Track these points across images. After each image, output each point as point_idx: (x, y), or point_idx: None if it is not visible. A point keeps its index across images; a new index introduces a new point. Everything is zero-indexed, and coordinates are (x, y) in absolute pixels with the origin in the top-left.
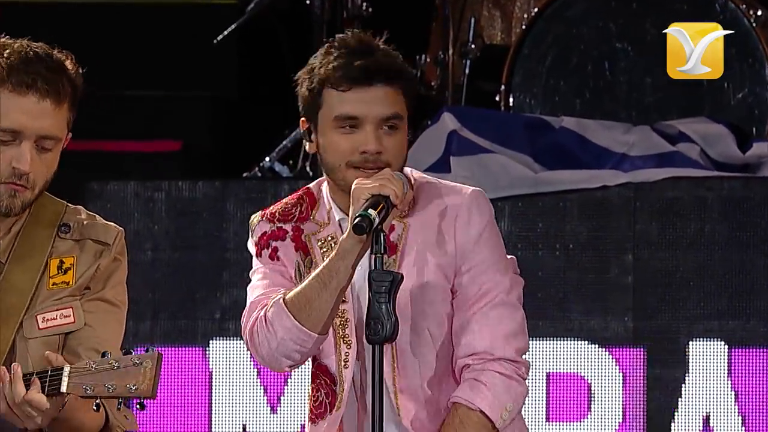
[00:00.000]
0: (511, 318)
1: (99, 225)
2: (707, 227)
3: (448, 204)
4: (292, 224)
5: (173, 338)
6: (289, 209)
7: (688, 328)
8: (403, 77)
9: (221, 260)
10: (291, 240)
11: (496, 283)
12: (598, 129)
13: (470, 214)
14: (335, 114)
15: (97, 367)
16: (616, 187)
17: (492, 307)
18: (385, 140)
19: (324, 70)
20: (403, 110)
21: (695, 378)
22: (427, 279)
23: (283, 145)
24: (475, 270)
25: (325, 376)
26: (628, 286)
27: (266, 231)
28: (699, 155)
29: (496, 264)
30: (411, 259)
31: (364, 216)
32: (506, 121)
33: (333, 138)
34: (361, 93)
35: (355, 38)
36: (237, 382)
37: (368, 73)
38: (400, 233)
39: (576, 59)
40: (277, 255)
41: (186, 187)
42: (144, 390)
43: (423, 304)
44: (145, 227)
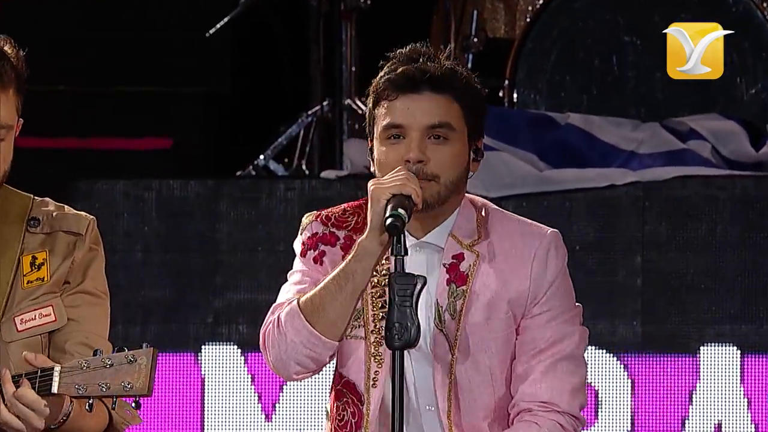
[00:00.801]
0: (578, 373)
1: (69, 215)
2: (719, 228)
3: (526, 242)
4: (346, 232)
5: (164, 343)
6: (346, 216)
7: (699, 332)
8: (456, 86)
9: (214, 262)
10: (341, 248)
11: (567, 334)
12: (606, 126)
13: (548, 256)
14: (383, 124)
15: (89, 365)
16: (624, 187)
17: (561, 358)
18: (431, 150)
19: (376, 84)
20: (456, 121)
21: (706, 384)
22: (496, 315)
23: (279, 143)
24: (546, 316)
25: (353, 394)
26: (637, 289)
27: (318, 233)
28: (710, 153)
29: (567, 312)
30: (483, 293)
31: (396, 216)
32: (510, 118)
33: (382, 150)
34: (407, 101)
35: (410, 49)
36: (230, 389)
37: (413, 80)
38: (472, 263)
39: (582, 53)
40: (323, 260)
41: (177, 186)
42: (139, 387)
43: (489, 341)
44: (135, 228)
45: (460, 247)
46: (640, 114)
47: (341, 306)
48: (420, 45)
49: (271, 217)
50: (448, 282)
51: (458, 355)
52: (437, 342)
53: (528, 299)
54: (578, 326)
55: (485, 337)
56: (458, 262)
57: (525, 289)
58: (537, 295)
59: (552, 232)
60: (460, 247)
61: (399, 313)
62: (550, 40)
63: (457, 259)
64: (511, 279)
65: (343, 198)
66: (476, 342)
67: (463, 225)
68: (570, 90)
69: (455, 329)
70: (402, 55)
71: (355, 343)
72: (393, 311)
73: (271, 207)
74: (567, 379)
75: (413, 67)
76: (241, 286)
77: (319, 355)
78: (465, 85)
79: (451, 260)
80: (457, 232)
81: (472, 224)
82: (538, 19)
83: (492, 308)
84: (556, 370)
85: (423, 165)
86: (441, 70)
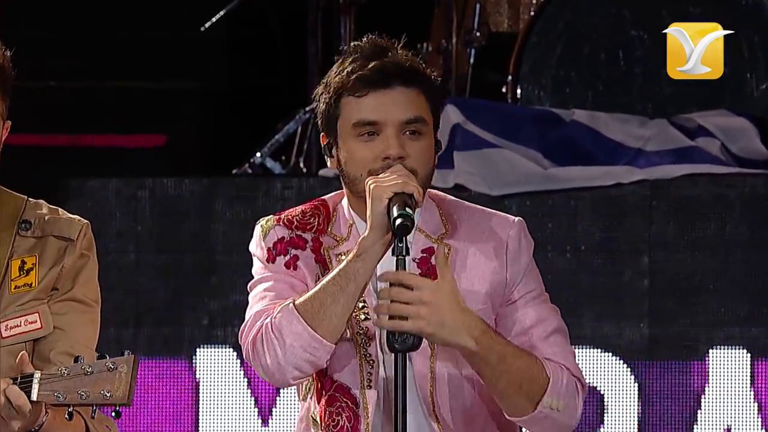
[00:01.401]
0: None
1: (62, 220)
2: (728, 227)
3: (497, 231)
4: (312, 235)
5: (158, 346)
6: (307, 218)
7: (708, 335)
8: (425, 79)
9: (209, 263)
10: (311, 251)
11: (549, 313)
12: (612, 122)
13: (520, 243)
14: (353, 121)
15: (69, 372)
16: (630, 185)
17: (552, 331)
18: (409, 146)
19: (339, 78)
20: (427, 114)
21: (715, 388)
22: (474, 306)
23: (276, 140)
24: (525, 298)
25: (346, 397)
26: (644, 291)
27: (284, 237)
28: (719, 150)
29: (543, 295)
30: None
31: (406, 215)
32: (513, 114)
33: (353, 147)
34: (379, 96)
35: (371, 42)
36: (226, 393)
37: (385, 75)
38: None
39: (588, 48)
40: (296, 264)
41: (171, 184)
42: (119, 396)
43: None
44: (128, 228)
45: (428, 241)
46: (647, 110)
47: (343, 307)
48: (377, 37)
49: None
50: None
51: (437, 349)
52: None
53: (506, 287)
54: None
55: None
56: (428, 256)
57: (502, 278)
58: (514, 281)
59: (519, 220)
60: (428, 240)
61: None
62: (554, 34)
63: (427, 253)
64: (486, 270)
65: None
66: None
67: (428, 218)
68: (575, 86)
69: None
70: (363, 49)
71: (344, 344)
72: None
73: (267, 206)
74: (565, 346)
75: (384, 62)
76: (237, 287)
77: (318, 359)
78: (431, 77)
79: (421, 254)
80: (424, 226)
81: (436, 217)
82: (543, 13)
83: (469, 299)
84: (551, 340)
85: (402, 161)
86: (410, 62)
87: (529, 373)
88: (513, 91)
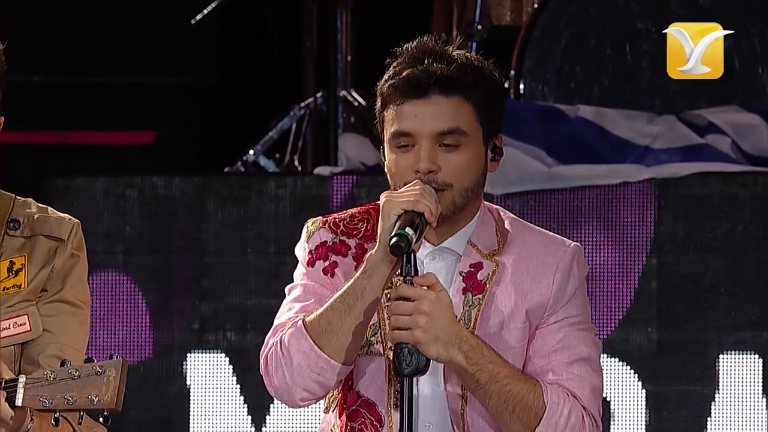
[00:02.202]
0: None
1: (52, 219)
2: (739, 228)
3: (550, 252)
4: (356, 240)
5: (147, 351)
6: (355, 223)
7: (718, 339)
8: (467, 85)
9: (200, 265)
10: (353, 258)
11: (580, 340)
12: (619, 119)
13: (571, 269)
14: (391, 131)
15: (55, 377)
16: (638, 184)
17: (577, 359)
18: (442, 158)
19: (382, 86)
20: (469, 124)
21: (726, 395)
22: (513, 324)
23: (269, 137)
24: (560, 324)
25: (371, 414)
26: (652, 294)
27: (327, 241)
28: (730, 148)
29: (582, 324)
30: (500, 303)
31: (401, 236)
32: (516, 111)
33: (392, 157)
34: (414, 106)
35: (417, 45)
36: (218, 400)
37: (418, 85)
38: (490, 273)
39: (594, 42)
40: (335, 271)
41: (161, 183)
42: (107, 401)
43: (504, 351)
44: (116, 228)
45: (479, 256)
46: (656, 106)
47: (351, 326)
48: (427, 39)
49: (261, 217)
50: (464, 291)
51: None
52: None
53: (547, 310)
54: (592, 336)
55: (500, 347)
56: (476, 271)
57: (545, 300)
58: (556, 306)
59: (576, 245)
60: (479, 255)
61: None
62: (559, 27)
63: (474, 268)
64: (531, 289)
65: (339, 196)
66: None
67: (483, 233)
68: (580, 81)
69: None
70: (408, 54)
71: (374, 360)
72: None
73: (261, 206)
74: (586, 377)
75: (419, 71)
76: (229, 290)
77: (327, 380)
78: (477, 80)
79: (468, 269)
80: (477, 240)
81: (492, 233)
82: (547, 5)
83: (508, 317)
84: (573, 367)
85: (434, 174)
86: (449, 70)
87: (523, 398)
88: (516, 87)
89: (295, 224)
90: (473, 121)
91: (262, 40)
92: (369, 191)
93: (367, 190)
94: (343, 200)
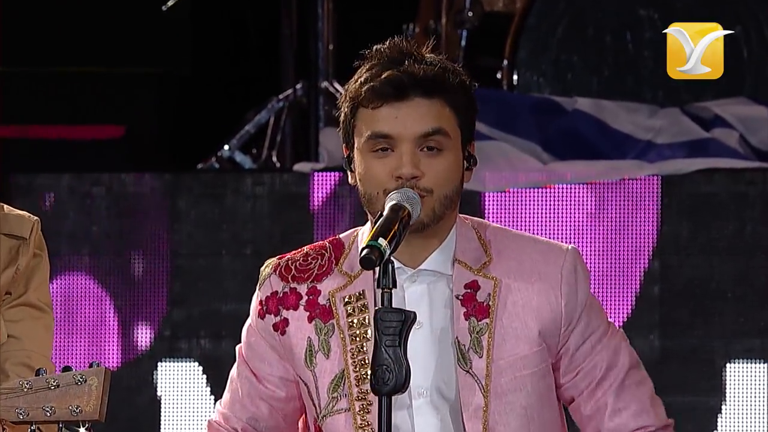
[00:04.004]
0: (644, 378)
1: (11, 216)
2: (748, 228)
3: (549, 261)
4: (308, 285)
5: (115, 360)
6: (308, 263)
7: (725, 348)
8: (448, 88)
9: (172, 268)
10: (304, 309)
11: (616, 349)
12: (619, 112)
13: (577, 276)
14: (367, 134)
15: (31, 387)
16: (639, 181)
17: (625, 377)
18: (425, 163)
19: (354, 88)
20: (450, 127)
21: (733, 407)
22: (529, 349)
23: (245, 131)
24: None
25: None
26: (654, 299)
27: (278, 291)
28: (738, 143)
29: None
30: (510, 325)
31: (373, 247)
32: (510, 103)
33: (367, 163)
34: (394, 109)
35: (391, 47)
36: (190, 411)
37: (400, 86)
38: (491, 292)
39: (592, 30)
40: (286, 330)
41: (130, 180)
42: (90, 412)
43: (524, 378)
44: (82, 228)
45: (471, 274)
46: (658, 98)
47: None
48: (400, 40)
49: (236, 217)
50: (466, 316)
51: (491, 398)
52: (465, 386)
53: (561, 327)
54: (618, 334)
55: (519, 374)
56: (473, 292)
57: (558, 317)
58: (571, 320)
59: (573, 248)
60: (471, 273)
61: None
62: (555, 14)
63: (471, 288)
64: (540, 306)
65: (320, 195)
66: (509, 381)
67: (466, 247)
68: (578, 71)
69: (485, 369)
70: (382, 56)
71: (340, 419)
72: (379, 352)
73: (236, 205)
74: (641, 392)
75: (399, 72)
76: (202, 295)
77: None
78: (456, 83)
79: (465, 290)
80: (462, 256)
81: (475, 244)
82: None
83: (524, 340)
84: (625, 390)
85: (416, 181)
86: (431, 71)
87: None
88: (509, 78)
89: (273, 224)
90: (454, 125)
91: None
92: (352, 189)
93: (350, 187)
94: (325, 199)
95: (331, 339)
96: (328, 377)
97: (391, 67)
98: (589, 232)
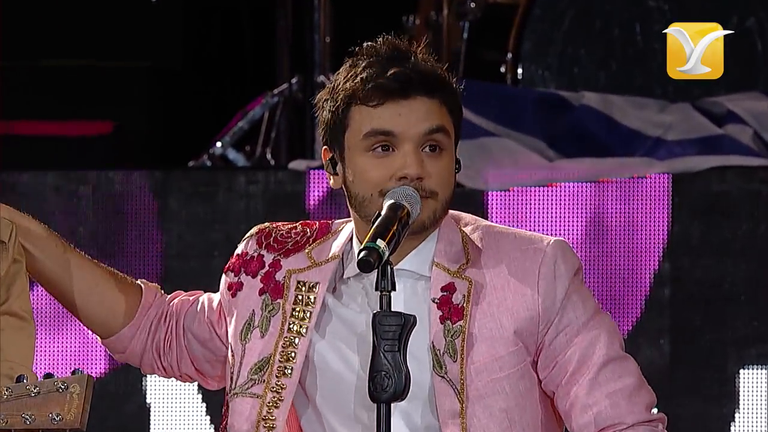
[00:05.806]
0: (625, 372)
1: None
2: (761, 228)
3: (528, 258)
4: (274, 256)
5: (102, 366)
6: (289, 236)
7: (738, 352)
8: (448, 89)
9: (162, 270)
10: (260, 280)
11: (592, 340)
12: (627, 107)
13: (555, 271)
14: (365, 131)
15: (11, 394)
16: (649, 179)
17: (598, 370)
18: (429, 164)
19: (350, 85)
20: (449, 126)
21: (746, 414)
22: (504, 349)
23: (239, 128)
24: (563, 336)
25: None
26: (664, 302)
27: (248, 253)
28: (752, 139)
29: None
30: (484, 327)
31: (371, 249)
32: (514, 98)
33: (362, 163)
34: (397, 107)
35: (387, 44)
36: (181, 420)
37: (406, 84)
38: (465, 294)
39: (600, 22)
40: (238, 294)
41: (118, 178)
42: (71, 420)
43: (500, 381)
44: (68, 228)
45: (448, 276)
46: (669, 93)
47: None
48: (395, 38)
49: (229, 216)
50: (441, 319)
51: (467, 402)
52: (440, 392)
53: (539, 325)
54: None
55: (496, 376)
56: (449, 294)
57: (535, 315)
58: (549, 317)
59: (555, 242)
60: (448, 275)
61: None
62: (561, 5)
63: (447, 291)
64: (516, 306)
65: (315, 193)
66: (486, 384)
67: (446, 248)
68: (585, 65)
69: (459, 373)
70: (379, 53)
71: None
72: (378, 358)
73: (229, 204)
74: (615, 386)
75: (405, 69)
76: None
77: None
78: (449, 85)
79: (441, 293)
80: (441, 258)
81: (457, 245)
82: None
83: (499, 341)
84: (599, 383)
85: (420, 182)
86: (432, 70)
87: None
88: (514, 72)
89: None
90: (450, 125)
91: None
92: None
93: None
94: (321, 197)
95: (273, 318)
96: (254, 357)
97: (393, 65)
98: (596, 233)
